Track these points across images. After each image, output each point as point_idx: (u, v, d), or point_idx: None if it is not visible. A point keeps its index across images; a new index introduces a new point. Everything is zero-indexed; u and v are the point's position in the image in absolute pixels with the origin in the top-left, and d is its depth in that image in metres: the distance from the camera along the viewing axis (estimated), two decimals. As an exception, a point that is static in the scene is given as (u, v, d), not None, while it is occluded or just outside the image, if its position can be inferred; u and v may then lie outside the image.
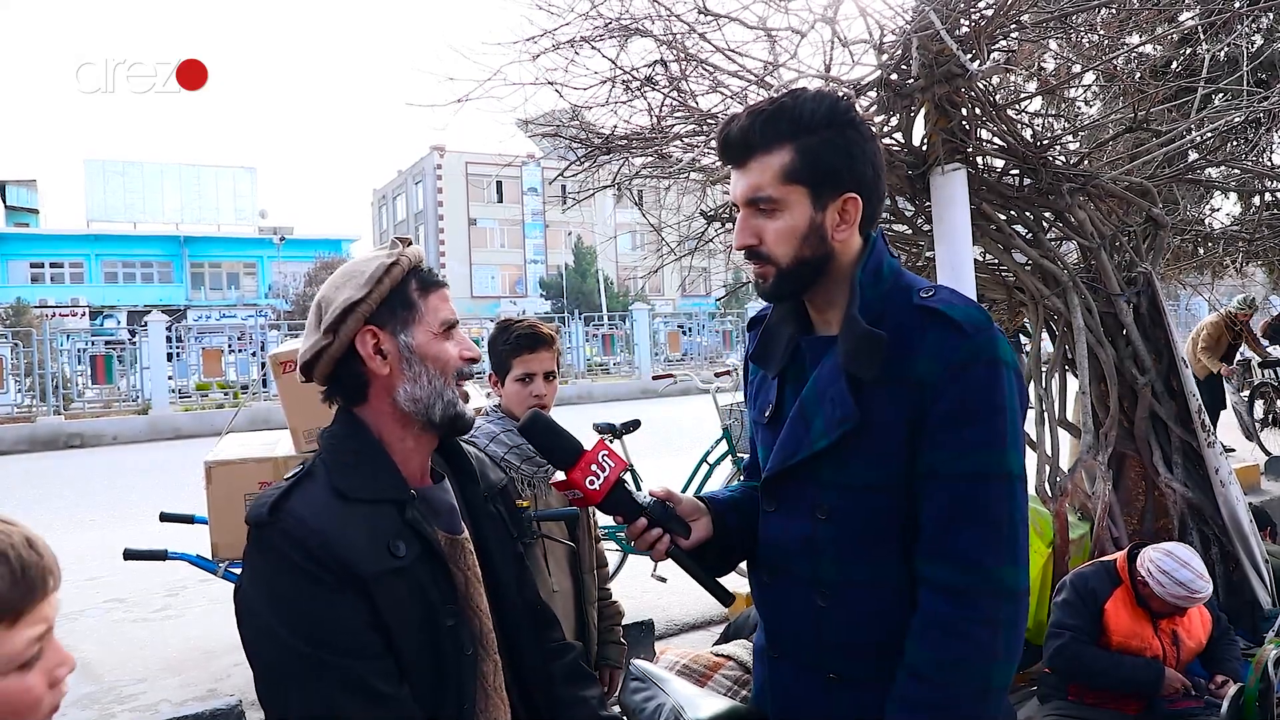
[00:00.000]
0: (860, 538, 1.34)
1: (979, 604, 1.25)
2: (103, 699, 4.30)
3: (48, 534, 1.06)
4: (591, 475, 1.39)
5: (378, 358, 1.31)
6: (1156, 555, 2.96)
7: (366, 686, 1.19)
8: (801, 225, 1.34)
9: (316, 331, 1.31)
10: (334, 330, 1.29)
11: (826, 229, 1.35)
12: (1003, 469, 1.27)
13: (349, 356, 1.31)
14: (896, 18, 3.27)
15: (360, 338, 1.30)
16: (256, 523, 1.24)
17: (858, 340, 1.31)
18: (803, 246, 1.35)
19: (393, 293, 1.32)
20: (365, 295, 1.29)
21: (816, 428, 1.34)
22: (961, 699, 1.25)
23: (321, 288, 1.35)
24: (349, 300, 1.29)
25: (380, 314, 1.31)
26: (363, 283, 1.30)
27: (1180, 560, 2.92)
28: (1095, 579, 3.08)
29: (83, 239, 40.53)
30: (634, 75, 3.65)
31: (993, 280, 4.07)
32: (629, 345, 23.81)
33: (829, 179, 1.33)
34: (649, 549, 1.42)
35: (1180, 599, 2.90)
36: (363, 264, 1.34)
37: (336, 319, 1.29)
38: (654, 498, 1.45)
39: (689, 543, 1.44)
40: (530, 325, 2.40)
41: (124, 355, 18.98)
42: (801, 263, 1.36)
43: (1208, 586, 2.91)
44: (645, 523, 1.42)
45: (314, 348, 1.31)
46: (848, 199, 1.34)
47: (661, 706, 1.58)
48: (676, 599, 5.21)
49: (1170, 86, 3.95)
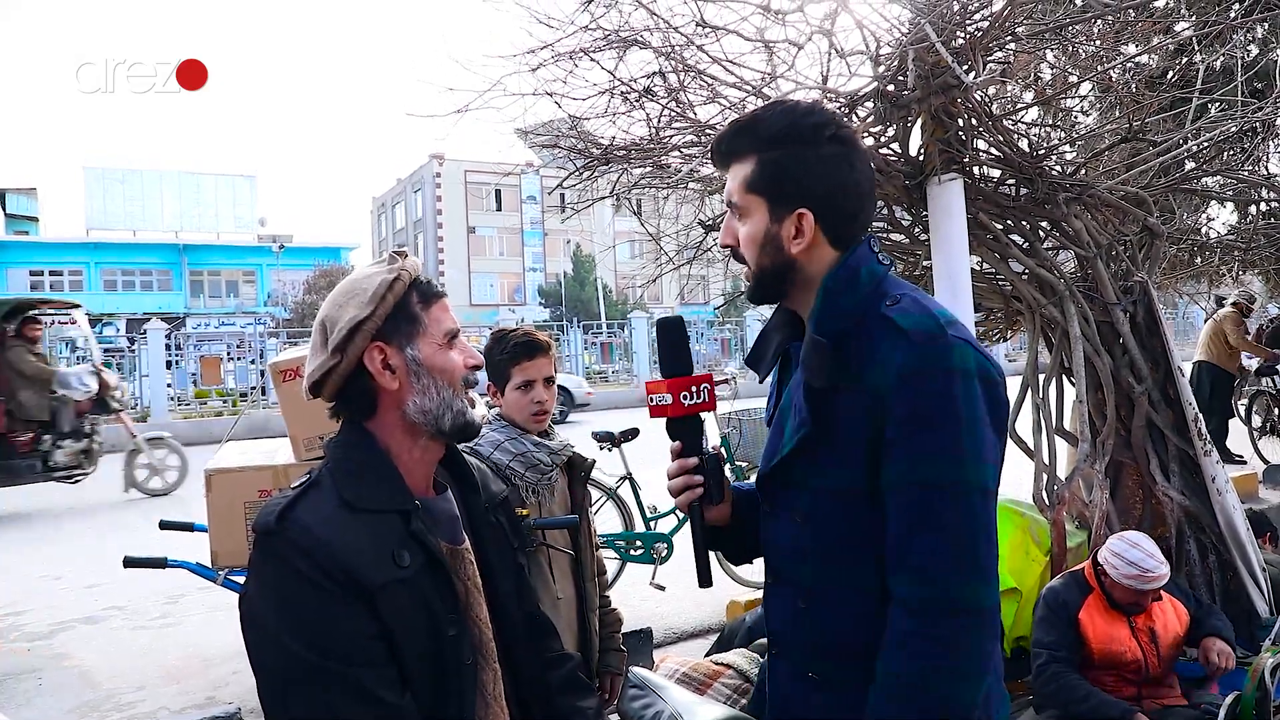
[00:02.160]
0: (833, 543, 1.36)
1: (939, 622, 1.23)
2: (101, 706, 4.30)
3: (45, 543, 1.07)
4: (688, 392, 1.44)
5: (386, 373, 1.32)
6: (1110, 542, 3.04)
7: (370, 695, 1.20)
8: (759, 234, 1.39)
9: (323, 352, 1.32)
10: (341, 350, 1.30)
11: (782, 240, 1.38)
12: (957, 479, 1.24)
13: (357, 373, 1.32)
14: (893, 30, 3.30)
15: (368, 354, 1.31)
16: (264, 530, 1.25)
17: (807, 347, 1.34)
18: (761, 254, 1.40)
19: (396, 308, 1.33)
20: (371, 313, 1.31)
21: (787, 433, 1.39)
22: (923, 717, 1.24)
23: (324, 307, 1.36)
24: (355, 319, 1.30)
25: (386, 330, 1.32)
26: (366, 300, 1.31)
27: (1130, 542, 2.99)
28: (1066, 591, 3.12)
29: (82, 247, 40.51)
30: (632, 86, 3.68)
31: (990, 289, 4.09)
32: (628, 353, 23.85)
33: (781, 193, 1.37)
34: (679, 493, 1.46)
35: (1135, 579, 2.93)
36: (364, 280, 1.34)
37: (344, 338, 1.30)
38: (715, 452, 1.49)
39: (712, 514, 1.49)
40: (526, 333, 2.41)
41: (123, 363, 18.97)
42: (762, 269, 1.40)
43: (1161, 567, 2.94)
44: (696, 463, 1.46)
45: (322, 368, 1.32)
46: (800, 214, 1.37)
47: (660, 714, 1.60)
48: (675, 607, 5.21)
49: (1166, 96, 3.97)
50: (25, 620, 5.69)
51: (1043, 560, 3.65)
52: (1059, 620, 3.05)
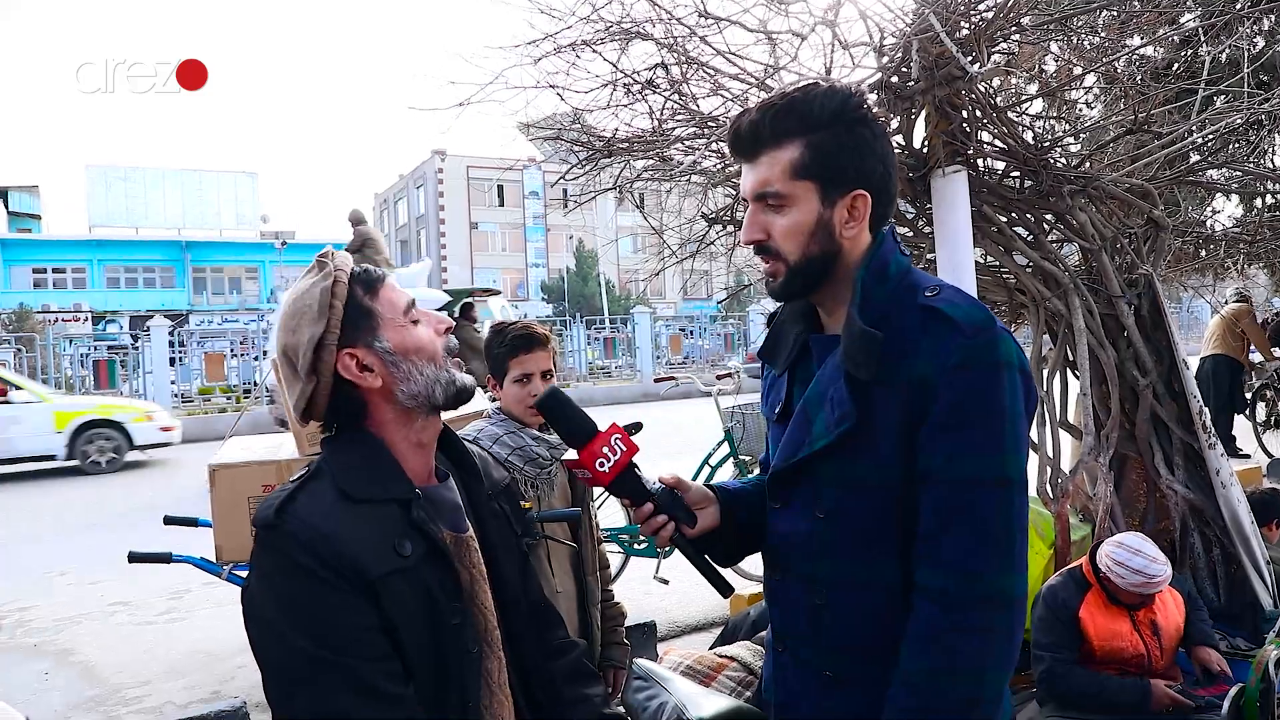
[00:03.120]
0: (857, 538, 1.33)
1: (970, 613, 1.22)
2: (107, 701, 4.31)
3: (51, 538, 1.07)
4: (602, 457, 1.40)
5: (366, 374, 1.31)
6: (1109, 549, 3.00)
7: (373, 687, 1.20)
8: (809, 221, 1.33)
9: (298, 379, 1.30)
10: (314, 370, 1.29)
11: (835, 225, 1.34)
12: (999, 474, 1.24)
13: (338, 386, 1.31)
14: (897, 20, 3.28)
15: (341, 365, 1.30)
16: (264, 524, 1.25)
17: (855, 340, 1.30)
18: (810, 243, 1.34)
19: (347, 310, 1.31)
20: (326, 325, 1.29)
21: (817, 427, 1.34)
22: (952, 709, 1.23)
23: (279, 336, 1.33)
24: (313, 337, 1.28)
25: (347, 335, 1.30)
26: (315, 314, 1.29)
27: (1131, 549, 2.95)
28: (1064, 589, 3.09)
29: (85, 244, 40.57)
30: (635, 78, 3.66)
31: (994, 282, 4.08)
32: (630, 348, 23.83)
33: (838, 175, 1.32)
34: (654, 534, 1.43)
35: (1141, 586, 2.92)
36: (305, 296, 1.31)
37: (311, 360, 1.29)
38: (663, 485, 1.46)
39: (694, 531, 1.45)
40: (524, 327, 2.42)
41: (126, 360, 19.02)
42: (809, 259, 1.34)
43: (1164, 569, 2.93)
44: (652, 508, 1.43)
45: (304, 395, 1.31)
46: (857, 196, 1.33)
47: (664, 705, 1.59)
48: (678, 600, 5.22)
49: (1171, 88, 3.95)
50: (31, 615, 5.71)
51: (1046, 553, 3.64)
52: (1058, 621, 3.02)
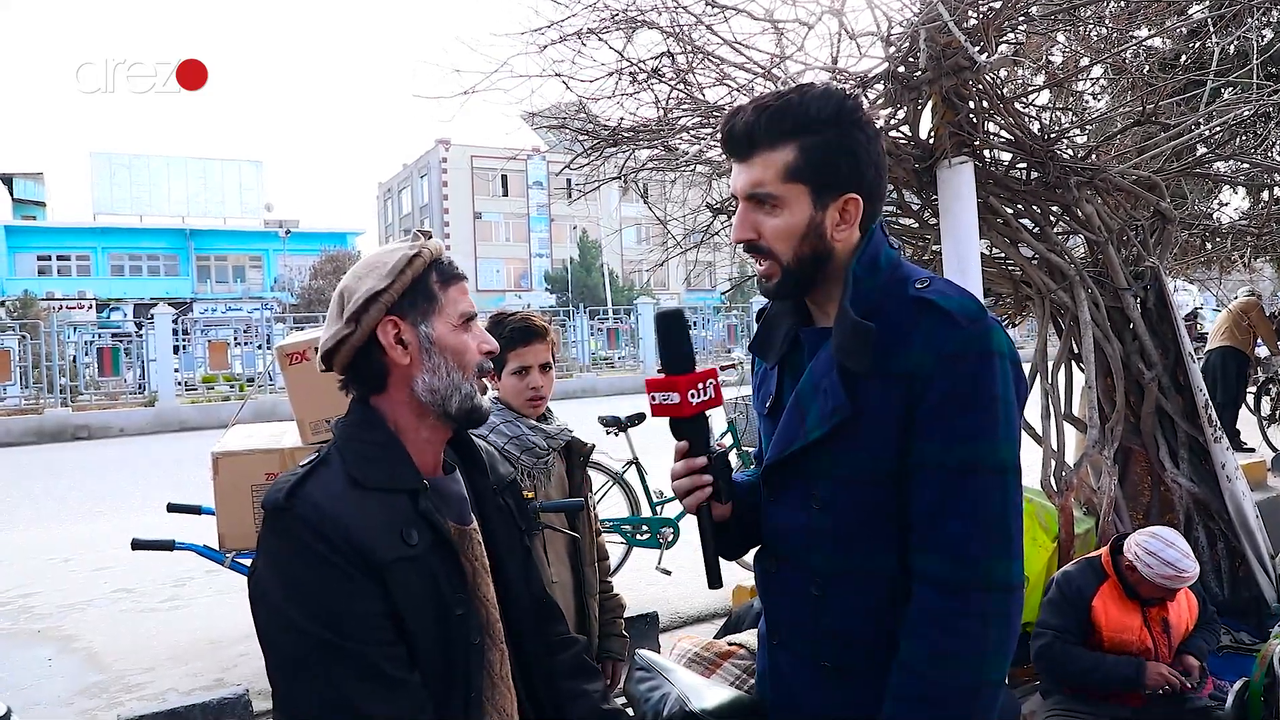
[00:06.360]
0: (854, 528, 1.34)
1: (970, 598, 1.24)
2: (110, 688, 4.32)
3: (55, 524, 1.07)
4: (696, 390, 1.39)
5: (399, 347, 1.32)
6: (1142, 539, 2.99)
7: (379, 672, 1.20)
8: (801, 224, 1.34)
9: (339, 320, 1.33)
10: (356, 319, 1.31)
11: (826, 228, 1.34)
12: (994, 460, 1.26)
13: (370, 346, 1.33)
14: (904, 10, 3.26)
15: (382, 327, 1.32)
16: (273, 507, 1.25)
17: (848, 332, 1.31)
18: (801, 244, 1.34)
19: (414, 284, 1.33)
20: (388, 285, 1.31)
21: (811, 419, 1.35)
22: (954, 694, 1.24)
23: (345, 278, 1.37)
24: (372, 290, 1.31)
25: (402, 304, 1.33)
26: (385, 273, 1.32)
27: (1165, 541, 2.94)
28: (1080, 577, 3.09)
29: (89, 232, 40.60)
30: (640, 67, 3.65)
31: (999, 274, 4.06)
32: (634, 339, 23.84)
33: (831, 179, 1.32)
34: (687, 494, 1.42)
35: (1169, 579, 2.90)
36: (385, 255, 1.35)
37: (359, 308, 1.31)
38: (722, 449, 1.45)
39: (721, 510, 1.45)
40: (524, 319, 2.41)
41: (130, 348, 19.05)
42: (801, 260, 1.35)
43: (1194, 565, 2.92)
44: (705, 463, 1.42)
45: (336, 336, 1.33)
46: (849, 199, 1.33)
47: (666, 696, 1.58)
48: (680, 591, 5.22)
49: (1179, 80, 3.92)
50: (34, 602, 5.73)
51: (1050, 546, 3.64)
52: (1071, 606, 3.02)
